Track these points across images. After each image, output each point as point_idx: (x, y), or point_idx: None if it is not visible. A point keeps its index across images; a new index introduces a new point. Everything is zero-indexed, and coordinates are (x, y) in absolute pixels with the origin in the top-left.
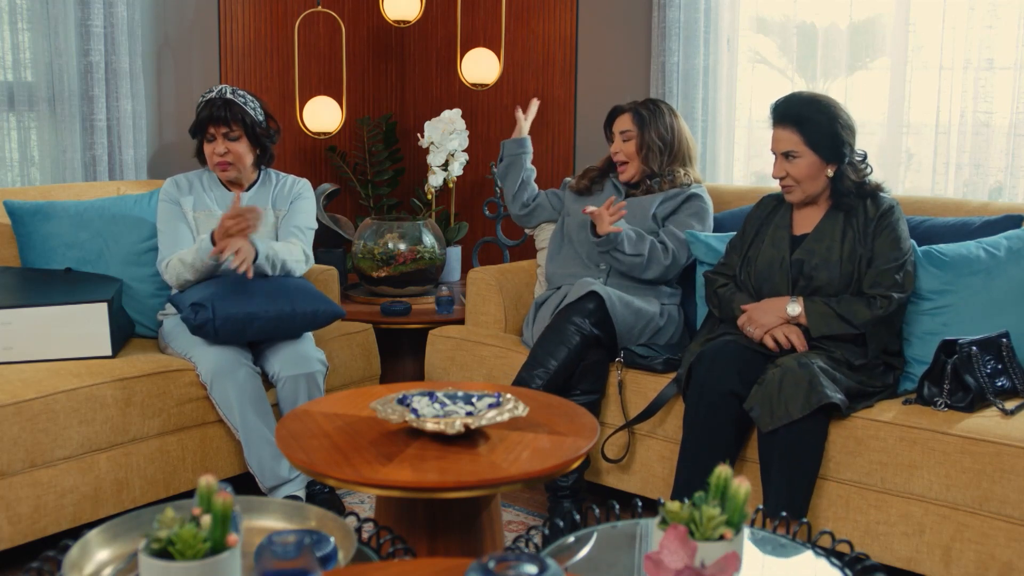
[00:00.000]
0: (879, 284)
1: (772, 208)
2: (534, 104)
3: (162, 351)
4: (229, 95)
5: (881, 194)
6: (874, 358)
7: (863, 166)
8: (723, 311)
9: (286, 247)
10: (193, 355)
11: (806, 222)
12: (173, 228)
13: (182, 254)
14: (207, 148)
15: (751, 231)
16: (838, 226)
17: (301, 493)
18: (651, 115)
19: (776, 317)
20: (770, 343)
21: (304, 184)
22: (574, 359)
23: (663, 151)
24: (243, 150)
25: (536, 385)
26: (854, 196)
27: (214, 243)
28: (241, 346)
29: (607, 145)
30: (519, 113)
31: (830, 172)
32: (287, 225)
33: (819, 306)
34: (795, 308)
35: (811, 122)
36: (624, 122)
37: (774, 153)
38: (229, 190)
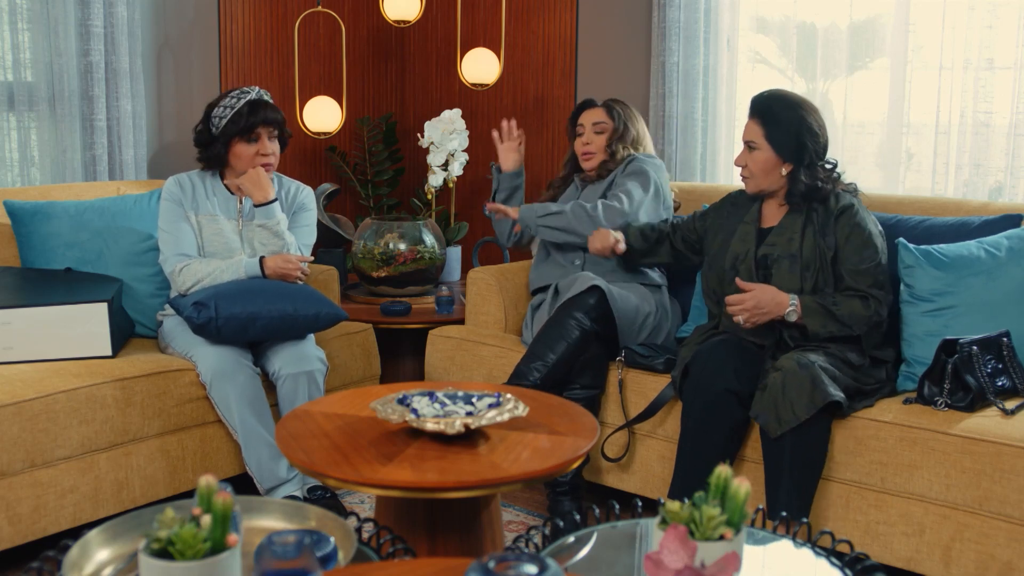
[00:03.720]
0: (862, 280)
1: (743, 204)
2: (516, 131)
3: (162, 351)
4: (266, 97)
5: (842, 191)
6: (863, 358)
7: (829, 171)
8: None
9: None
10: (194, 355)
11: (772, 216)
12: (176, 229)
13: (215, 270)
14: (247, 148)
15: (718, 219)
16: (799, 220)
17: (299, 493)
18: (624, 110)
19: (770, 316)
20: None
21: (308, 193)
22: (573, 354)
23: (627, 145)
24: (278, 152)
25: (534, 378)
26: (804, 198)
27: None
28: (242, 346)
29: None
30: (504, 142)
31: (784, 171)
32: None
33: (815, 305)
34: (793, 315)
35: (776, 118)
36: (597, 114)
37: (743, 142)
38: (232, 193)
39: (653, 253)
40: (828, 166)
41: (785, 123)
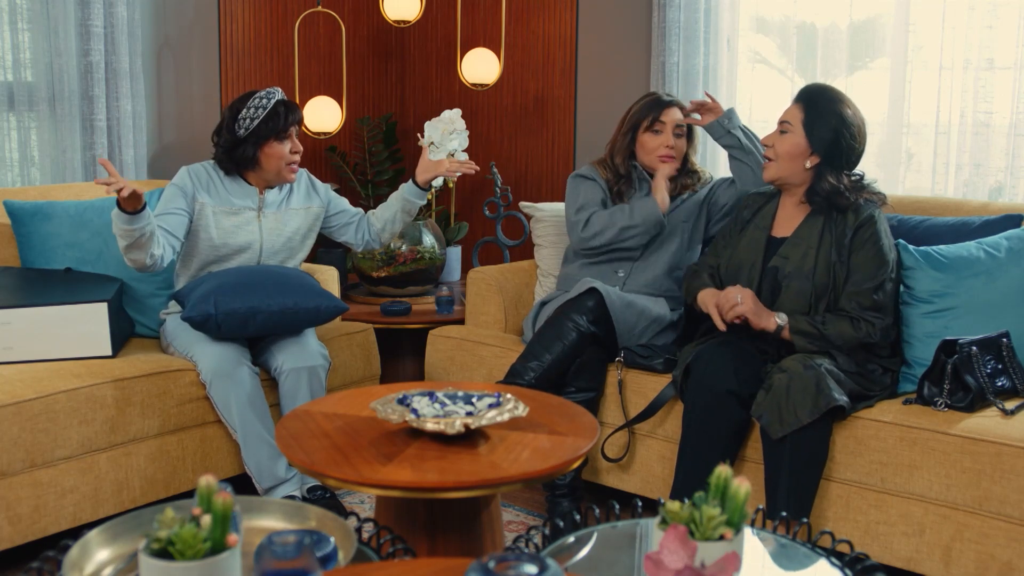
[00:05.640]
0: (857, 303)
1: (759, 206)
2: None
3: (164, 350)
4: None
5: (865, 200)
6: (862, 366)
7: (855, 182)
8: (689, 295)
9: None
10: (194, 354)
11: (787, 224)
12: (165, 208)
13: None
14: (278, 147)
15: (738, 225)
16: (816, 231)
17: (297, 493)
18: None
19: (762, 323)
20: (721, 318)
21: (312, 177)
22: (569, 355)
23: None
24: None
25: (529, 377)
26: (826, 200)
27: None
28: (241, 345)
29: (616, 136)
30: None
31: (809, 163)
32: (348, 213)
33: (805, 325)
34: (782, 317)
35: (818, 107)
36: (679, 116)
37: (778, 123)
38: (250, 184)
39: None
40: (855, 177)
41: (827, 115)
